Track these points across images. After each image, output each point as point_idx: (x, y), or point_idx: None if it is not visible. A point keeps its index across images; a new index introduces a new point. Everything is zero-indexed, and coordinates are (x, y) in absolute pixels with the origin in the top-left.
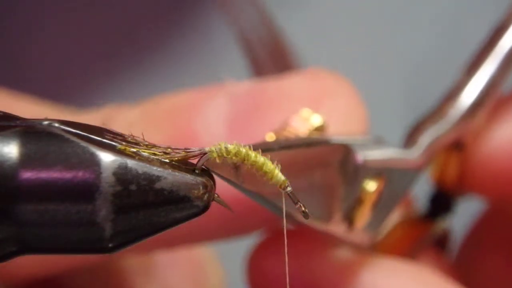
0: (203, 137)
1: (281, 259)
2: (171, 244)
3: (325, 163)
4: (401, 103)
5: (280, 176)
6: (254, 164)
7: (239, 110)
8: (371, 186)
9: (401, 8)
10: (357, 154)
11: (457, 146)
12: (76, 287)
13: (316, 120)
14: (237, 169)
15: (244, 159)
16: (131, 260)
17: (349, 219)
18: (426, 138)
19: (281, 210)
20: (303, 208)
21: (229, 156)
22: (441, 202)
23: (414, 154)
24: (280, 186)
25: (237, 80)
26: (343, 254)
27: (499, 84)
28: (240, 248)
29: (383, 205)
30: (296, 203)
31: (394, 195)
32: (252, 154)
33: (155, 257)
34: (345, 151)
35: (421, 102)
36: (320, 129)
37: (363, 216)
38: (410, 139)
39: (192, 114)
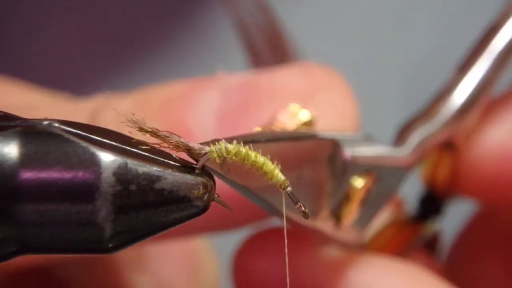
0: (194, 129)
1: (267, 258)
2: (163, 237)
3: (313, 158)
4: (401, 103)
5: (280, 176)
6: (254, 164)
7: (230, 103)
8: (359, 182)
9: (401, 8)
10: (345, 150)
11: (448, 147)
12: (69, 278)
13: (304, 115)
14: (223, 161)
15: (244, 159)
16: (124, 251)
17: (337, 216)
18: (416, 137)
19: (270, 205)
20: (303, 208)
21: (229, 156)
22: (432, 204)
23: (404, 152)
24: (280, 186)
25: (232, 72)
26: (332, 252)
27: (491, 84)
28: (233, 240)
29: (371, 203)
30: (296, 203)
31: (383, 193)
32: (252, 154)
33: (148, 248)
34: (333, 146)
35: (421, 102)
36: (308, 124)
37: (351, 213)
38: (400, 137)
39: (183, 106)
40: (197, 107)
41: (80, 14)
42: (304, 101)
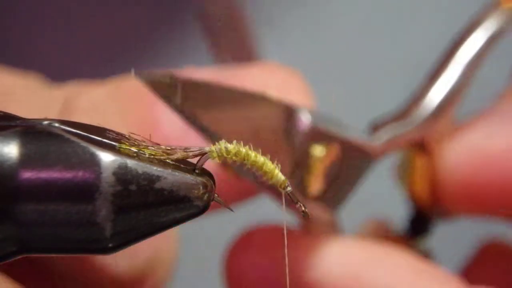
0: (162, 120)
1: (256, 256)
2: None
3: (270, 123)
4: (401, 103)
5: (280, 176)
6: (254, 164)
7: None
8: (319, 151)
9: (401, 8)
10: (303, 116)
11: (423, 153)
12: (52, 265)
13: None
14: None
15: (244, 158)
16: None
17: (303, 187)
18: (386, 135)
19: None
20: (303, 208)
21: (229, 156)
22: (420, 223)
23: (373, 141)
24: (280, 186)
25: (198, 67)
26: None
27: (464, 88)
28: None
29: (340, 181)
30: (296, 203)
31: (351, 176)
32: (252, 154)
33: None
34: (289, 111)
35: None
36: None
37: (315, 182)
38: (371, 133)
39: (153, 98)
40: None
41: (80, 14)
42: None
